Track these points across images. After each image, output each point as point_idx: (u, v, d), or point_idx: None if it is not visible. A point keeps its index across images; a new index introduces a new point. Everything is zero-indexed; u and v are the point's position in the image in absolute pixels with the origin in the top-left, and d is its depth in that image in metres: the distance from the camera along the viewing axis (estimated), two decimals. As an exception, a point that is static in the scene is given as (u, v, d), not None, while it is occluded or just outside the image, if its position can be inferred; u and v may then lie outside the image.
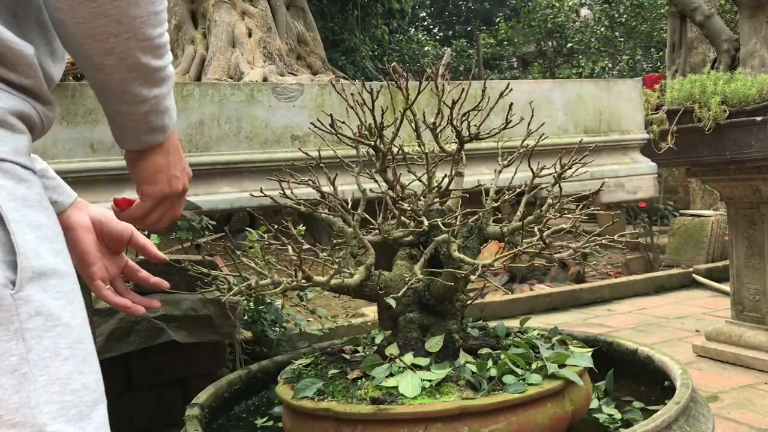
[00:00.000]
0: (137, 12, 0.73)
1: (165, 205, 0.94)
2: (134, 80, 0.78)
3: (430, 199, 1.26)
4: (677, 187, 9.08)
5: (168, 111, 0.86)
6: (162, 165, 0.91)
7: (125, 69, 0.77)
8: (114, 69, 0.77)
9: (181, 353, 2.78)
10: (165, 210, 0.95)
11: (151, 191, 0.91)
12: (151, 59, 0.78)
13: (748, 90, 2.84)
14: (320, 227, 8.11)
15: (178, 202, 0.96)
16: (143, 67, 0.78)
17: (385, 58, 2.94)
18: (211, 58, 2.35)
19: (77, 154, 1.28)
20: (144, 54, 0.77)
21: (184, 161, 0.95)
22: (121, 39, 0.74)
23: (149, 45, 0.76)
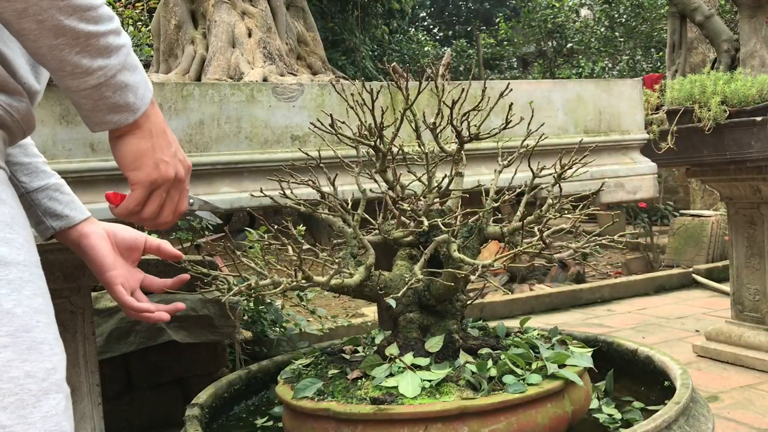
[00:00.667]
0: None
1: (159, 194, 0.90)
2: (66, 48, 0.74)
3: (430, 199, 1.26)
4: (677, 187, 9.08)
5: (130, 87, 0.81)
6: (145, 148, 0.86)
7: (50, 34, 0.73)
8: (38, 35, 0.72)
9: (181, 353, 2.78)
10: (160, 200, 0.90)
11: (138, 177, 0.87)
12: (78, 22, 0.73)
13: (748, 90, 2.84)
14: (320, 227, 8.11)
15: (176, 191, 0.92)
16: (71, 32, 0.73)
17: (385, 58, 2.94)
18: (211, 58, 2.35)
19: (77, 154, 1.28)
20: (66, 16, 0.72)
21: (175, 147, 0.91)
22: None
23: (71, 5, 0.72)
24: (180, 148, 0.93)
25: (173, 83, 1.37)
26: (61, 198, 1.00)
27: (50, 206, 1.00)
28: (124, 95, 0.81)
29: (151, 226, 0.93)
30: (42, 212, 1.00)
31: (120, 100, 0.81)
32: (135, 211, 0.89)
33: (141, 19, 5.69)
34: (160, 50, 2.57)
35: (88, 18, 0.74)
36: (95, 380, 1.50)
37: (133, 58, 0.82)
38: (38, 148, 1.24)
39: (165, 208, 0.91)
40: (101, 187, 1.31)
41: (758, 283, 3.23)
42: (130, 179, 0.87)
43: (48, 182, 0.99)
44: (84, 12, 0.73)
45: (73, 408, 1.47)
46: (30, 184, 0.98)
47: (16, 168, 0.97)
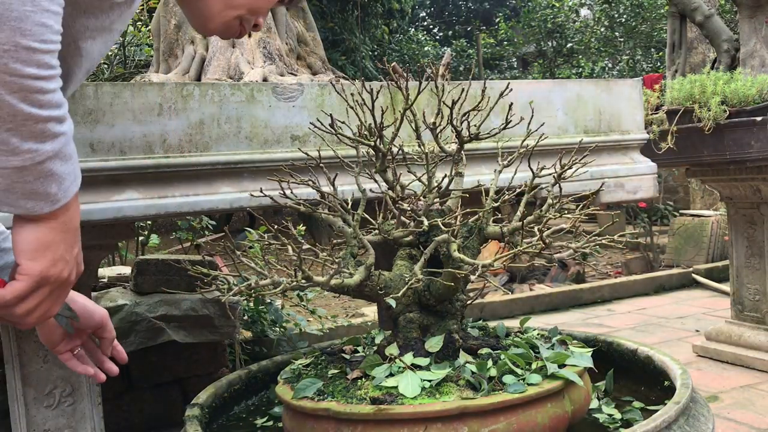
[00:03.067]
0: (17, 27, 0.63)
1: (42, 292, 0.79)
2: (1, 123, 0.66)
3: (430, 199, 1.26)
4: (677, 187, 9.08)
5: (56, 177, 0.73)
6: (51, 241, 0.77)
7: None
8: None
9: (181, 353, 2.78)
10: (40, 300, 0.79)
11: (31, 269, 0.77)
12: (19, 102, 0.66)
13: (748, 90, 2.84)
14: (320, 227, 8.11)
15: (59, 293, 0.82)
16: (7, 108, 0.66)
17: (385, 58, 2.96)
18: (211, 58, 2.35)
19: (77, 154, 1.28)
20: (8, 92, 0.65)
21: (79, 248, 0.83)
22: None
23: (16, 84, 0.65)
24: (81, 251, 0.85)
25: (173, 83, 1.37)
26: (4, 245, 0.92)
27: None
28: (46, 184, 0.73)
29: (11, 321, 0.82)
30: None
31: (40, 188, 0.73)
32: (10, 304, 0.78)
33: (141, 19, 5.68)
34: (160, 50, 2.57)
35: (33, 101, 0.67)
36: (95, 380, 1.50)
37: (70, 147, 0.75)
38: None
39: (38, 309, 0.81)
40: (101, 187, 1.31)
41: (758, 283, 3.23)
42: (21, 268, 0.77)
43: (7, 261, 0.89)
44: (31, 93, 0.67)
45: (73, 408, 1.48)
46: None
47: None
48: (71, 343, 1.03)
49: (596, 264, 6.72)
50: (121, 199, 1.31)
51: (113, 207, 1.29)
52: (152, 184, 1.35)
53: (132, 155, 1.31)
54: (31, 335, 1.44)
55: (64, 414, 1.47)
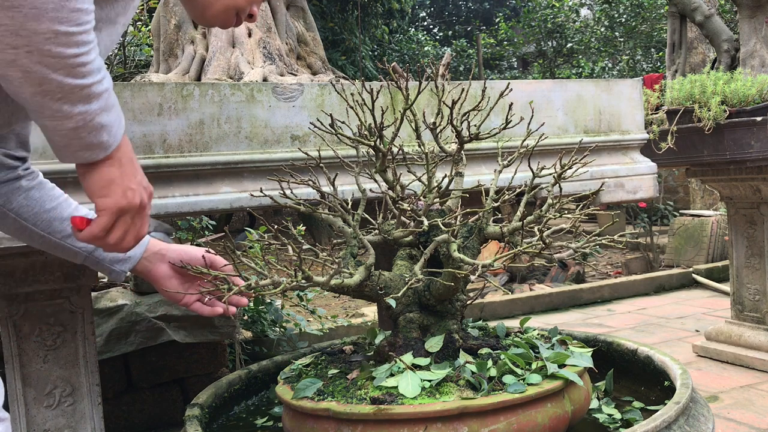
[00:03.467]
0: (37, 27, 0.71)
1: (125, 220, 0.92)
2: (48, 95, 0.76)
3: (430, 199, 1.26)
4: (677, 187, 9.08)
5: (105, 127, 0.84)
6: (114, 176, 0.89)
7: (34, 83, 0.75)
8: (21, 82, 0.75)
9: (181, 353, 2.79)
10: (126, 227, 0.92)
11: (106, 204, 0.89)
12: (65, 77, 0.76)
13: (748, 90, 2.84)
14: (320, 227, 8.11)
15: (139, 217, 0.94)
16: (56, 84, 0.76)
17: (385, 58, 2.94)
18: (211, 58, 2.34)
19: (77, 154, 1.28)
20: (53, 71, 0.75)
21: (141, 175, 0.94)
22: (22, 52, 0.72)
23: (60, 63, 0.75)
24: (144, 175, 0.96)
25: (173, 83, 1.37)
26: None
27: (113, 256, 1.13)
28: (98, 135, 0.83)
29: (110, 250, 0.96)
30: (109, 263, 1.13)
31: (94, 139, 0.83)
32: (99, 237, 0.91)
33: (141, 19, 5.68)
34: (160, 50, 2.56)
35: (77, 73, 0.76)
36: (95, 380, 1.50)
37: (112, 98, 0.85)
38: (38, 148, 1.25)
39: (128, 234, 0.93)
40: (101, 187, 1.31)
41: (758, 283, 3.23)
42: (97, 206, 0.90)
43: None
44: (74, 68, 0.76)
45: (73, 408, 1.48)
46: (87, 247, 1.11)
47: (71, 240, 1.10)
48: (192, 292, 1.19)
49: (596, 264, 6.72)
50: (121, 199, 1.31)
51: (113, 207, 1.29)
52: (152, 184, 1.35)
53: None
54: (31, 335, 1.44)
55: (64, 414, 1.47)
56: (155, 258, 1.17)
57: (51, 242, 1.11)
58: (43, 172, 1.24)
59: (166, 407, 2.78)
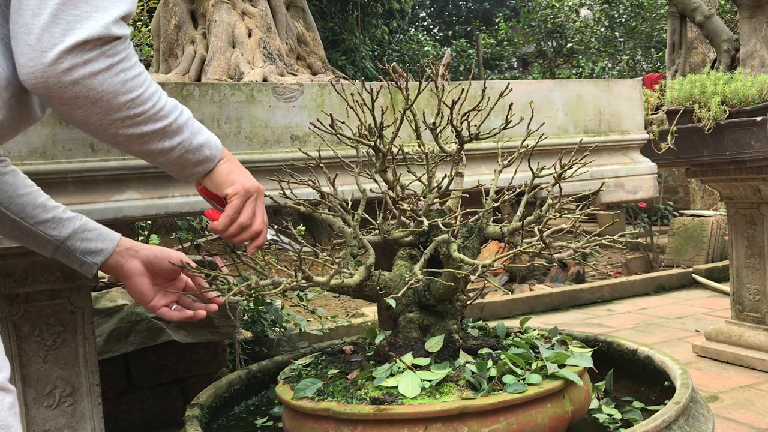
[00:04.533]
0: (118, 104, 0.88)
1: (252, 201, 1.05)
2: (151, 141, 0.94)
3: (430, 199, 1.26)
4: (677, 187, 9.08)
5: (203, 146, 1.00)
6: (231, 169, 1.05)
7: (138, 139, 0.93)
8: (129, 142, 0.93)
9: (181, 353, 2.79)
10: (254, 207, 1.05)
11: (235, 189, 1.04)
12: (152, 125, 0.93)
13: (748, 90, 2.84)
14: (320, 227, 8.11)
15: (261, 200, 1.08)
16: (149, 133, 0.93)
17: (385, 58, 2.95)
18: (211, 58, 2.34)
19: (77, 154, 1.28)
20: (145, 125, 0.92)
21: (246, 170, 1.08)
22: (118, 124, 0.90)
23: (145, 117, 0.92)
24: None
25: (173, 83, 1.37)
26: (90, 236, 1.14)
27: (85, 247, 1.13)
28: (201, 153, 1.00)
29: (249, 235, 1.06)
30: (80, 254, 1.14)
31: (200, 156, 1.01)
32: (234, 218, 1.04)
33: (141, 19, 5.68)
34: (160, 50, 2.56)
35: (159, 117, 0.93)
36: (95, 380, 1.50)
37: (196, 123, 1.01)
38: (38, 148, 1.25)
39: (257, 215, 1.06)
40: (101, 187, 1.31)
41: (758, 283, 3.23)
42: (228, 195, 1.04)
43: (74, 227, 1.13)
44: (155, 115, 0.93)
45: (73, 408, 1.48)
46: (60, 235, 1.12)
47: (43, 226, 1.11)
48: (164, 298, 1.18)
49: (596, 264, 6.72)
50: (122, 199, 1.31)
51: (113, 207, 1.29)
52: (152, 184, 1.35)
53: (132, 155, 1.31)
54: (31, 335, 1.44)
55: (64, 414, 1.47)
56: (127, 254, 1.15)
57: (23, 228, 1.10)
58: (44, 172, 1.24)
59: (166, 407, 2.78)
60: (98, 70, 0.85)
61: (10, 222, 1.10)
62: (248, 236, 1.07)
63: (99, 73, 0.85)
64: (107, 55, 0.86)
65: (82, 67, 0.83)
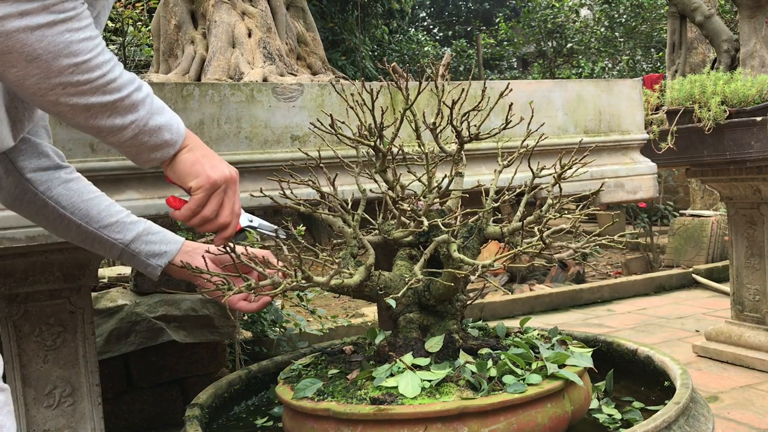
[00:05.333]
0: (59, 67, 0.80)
1: (218, 194, 0.99)
2: (98, 116, 0.86)
3: (430, 199, 1.26)
4: (677, 187, 9.08)
5: (161, 128, 0.92)
6: (195, 158, 0.97)
7: (83, 110, 0.84)
8: (73, 113, 0.84)
9: (181, 353, 2.79)
10: (219, 199, 0.99)
11: (199, 182, 0.97)
12: (102, 96, 0.85)
13: (748, 90, 2.84)
14: (320, 227, 8.10)
15: (232, 190, 1.01)
16: (97, 105, 0.85)
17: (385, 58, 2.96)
18: (211, 58, 2.35)
19: (77, 154, 1.29)
20: (91, 95, 0.84)
21: (218, 156, 1.01)
22: (59, 90, 0.81)
23: (92, 87, 0.83)
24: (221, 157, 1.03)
25: (173, 83, 1.37)
26: (154, 239, 1.15)
27: (149, 249, 1.15)
28: (159, 135, 0.92)
29: (213, 227, 1.01)
30: (145, 257, 1.15)
31: (157, 140, 0.92)
32: (197, 212, 0.99)
33: (141, 19, 5.68)
34: (160, 50, 2.56)
35: (110, 89, 0.85)
36: (95, 380, 1.50)
37: (157, 103, 0.93)
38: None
39: (224, 208, 1.01)
40: (101, 187, 1.31)
41: (758, 283, 3.23)
42: (192, 188, 0.97)
43: (138, 231, 1.14)
44: (105, 86, 0.84)
45: (73, 408, 1.48)
46: (124, 239, 1.13)
47: (108, 230, 1.13)
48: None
49: (596, 264, 6.72)
50: (122, 199, 1.31)
51: (113, 207, 1.29)
52: (152, 184, 1.35)
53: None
54: (31, 335, 1.44)
55: (64, 414, 1.47)
56: (195, 253, 1.18)
57: (88, 232, 1.12)
58: None
59: (166, 407, 2.78)
60: (37, 25, 0.76)
61: (76, 227, 1.12)
62: (213, 228, 1.03)
63: (38, 29, 0.76)
64: (50, 10, 0.77)
65: (16, 18, 0.75)
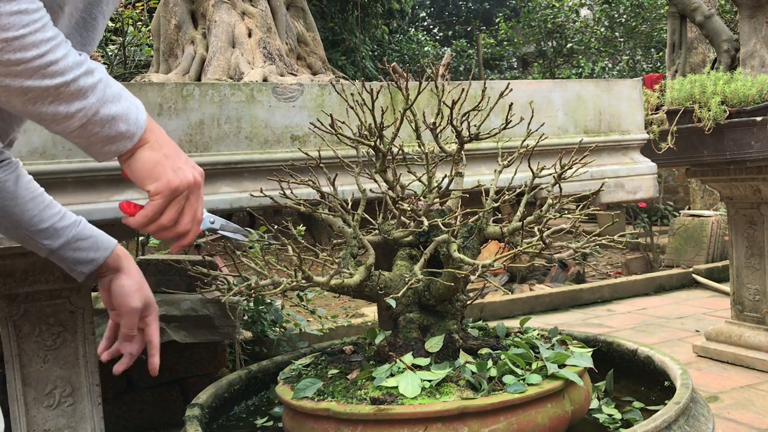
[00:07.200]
0: None
1: (178, 200, 0.89)
2: (38, 101, 0.76)
3: (430, 199, 1.26)
4: (677, 187, 9.08)
5: (116, 119, 0.82)
6: (157, 158, 0.87)
7: (18, 94, 0.75)
8: (8, 97, 0.75)
9: (181, 353, 2.79)
10: (179, 206, 0.89)
11: (158, 187, 0.87)
12: (41, 80, 0.75)
13: (748, 90, 2.84)
14: (320, 227, 8.10)
15: (194, 196, 0.91)
16: (37, 89, 0.75)
17: (385, 58, 2.96)
18: (211, 58, 2.35)
19: (77, 154, 1.28)
20: (27, 78, 0.74)
21: (185, 156, 0.92)
22: None
23: (28, 69, 0.74)
24: (188, 157, 0.93)
25: (173, 83, 1.37)
26: (83, 245, 1.10)
27: (76, 257, 1.10)
28: (114, 126, 0.82)
29: (171, 235, 0.92)
30: (71, 263, 1.10)
31: (111, 131, 0.82)
32: (153, 219, 0.88)
33: (141, 19, 5.69)
34: (160, 50, 2.56)
35: (50, 73, 0.75)
36: (95, 380, 1.50)
37: (112, 90, 0.82)
38: (38, 148, 1.25)
39: (184, 215, 0.91)
40: (101, 187, 1.31)
41: (758, 283, 3.23)
42: (150, 192, 0.87)
43: (67, 238, 1.09)
44: (44, 69, 0.74)
45: (73, 408, 1.48)
46: (53, 245, 1.09)
47: (37, 234, 1.08)
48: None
49: (596, 264, 6.72)
50: (122, 199, 1.31)
51: (113, 207, 1.29)
52: (152, 184, 1.35)
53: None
54: (31, 335, 1.44)
55: (64, 414, 1.47)
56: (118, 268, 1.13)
57: (19, 233, 1.09)
58: (44, 172, 1.24)
59: (166, 407, 2.78)
60: None
61: (5, 228, 1.10)
62: (171, 236, 0.93)
63: None
64: None
65: None
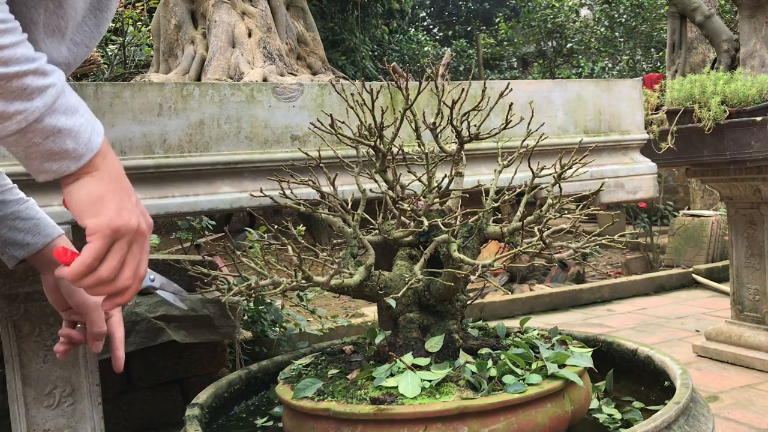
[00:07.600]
0: None
1: (120, 247, 0.76)
2: None
3: (430, 199, 1.26)
4: (677, 187, 9.08)
5: (65, 132, 0.72)
6: (103, 192, 0.75)
7: None
8: None
9: (181, 353, 2.79)
10: (121, 255, 0.76)
11: (98, 224, 0.74)
12: None
13: (748, 90, 2.84)
14: (320, 227, 8.10)
15: (138, 246, 0.78)
16: None
17: (385, 58, 2.95)
18: (211, 58, 2.35)
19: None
20: None
21: (137, 198, 0.80)
22: None
23: None
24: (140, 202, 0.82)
25: (173, 83, 1.37)
26: (21, 225, 0.96)
27: (9, 236, 0.96)
28: (58, 141, 0.71)
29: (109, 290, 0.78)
30: (2, 243, 0.96)
31: (54, 146, 0.71)
32: (92, 267, 0.75)
33: (141, 19, 5.69)
34: (160, 50, 2.56)
35: None
36: (95, 380, 1.50)
37: (66, 100, 0.73)
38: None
39: (126, 268, 0.78)
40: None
41: (758, 283, 3.23)
42: (88, 228, 0.75)
43: (5, 212, 0.95)
44: None
45: (73, 408, 1.48)
46: None
47: None
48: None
49: (596, 264, 6.72)
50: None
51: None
52: (152, 184, 1.35)
53: (132, 155, 1.31)
54: (31, 335, 1.44)
55: (64, 414, 1.47)
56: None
57: None
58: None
59: (166, 407, 2.78)
60: None
61: None
62: (108, 291, 0.78)
63: None
64: None
65: None
